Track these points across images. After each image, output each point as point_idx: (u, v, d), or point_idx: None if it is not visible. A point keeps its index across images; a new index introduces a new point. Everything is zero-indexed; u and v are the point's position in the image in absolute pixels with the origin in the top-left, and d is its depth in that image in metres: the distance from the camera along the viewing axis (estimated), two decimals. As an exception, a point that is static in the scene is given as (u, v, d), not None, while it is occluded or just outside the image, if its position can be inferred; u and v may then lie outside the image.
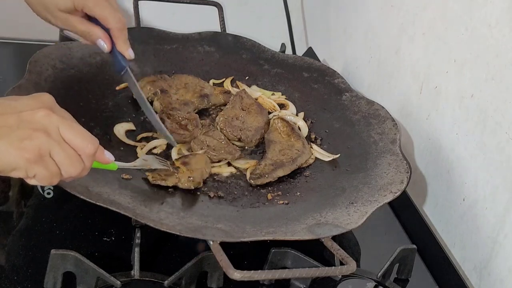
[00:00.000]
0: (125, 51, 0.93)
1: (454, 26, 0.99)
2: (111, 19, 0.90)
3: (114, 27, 0.90)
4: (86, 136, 0.68)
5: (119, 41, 0.92)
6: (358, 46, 1.31)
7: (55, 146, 0.66)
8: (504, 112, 0.88)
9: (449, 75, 1.00)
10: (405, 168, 0.96)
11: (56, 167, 0.67)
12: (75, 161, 0.67)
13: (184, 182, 0.90)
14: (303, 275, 0.76)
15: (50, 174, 0.67)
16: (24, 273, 0.79)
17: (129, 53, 0.93)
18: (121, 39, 0.92)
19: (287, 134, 1.07)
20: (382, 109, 1.09)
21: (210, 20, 1.29)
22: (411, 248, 0.89)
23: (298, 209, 0.91)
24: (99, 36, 0.91)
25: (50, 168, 0.66)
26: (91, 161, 0.70)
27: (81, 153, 0.68)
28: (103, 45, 0.91)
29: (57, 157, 0.66)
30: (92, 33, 0.90)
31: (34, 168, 0.65)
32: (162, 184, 0.89)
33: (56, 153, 0.66)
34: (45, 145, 0.65)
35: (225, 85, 1.19)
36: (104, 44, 0.91)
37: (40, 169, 0.66)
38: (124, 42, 0.92)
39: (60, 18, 0.89)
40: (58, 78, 1.02)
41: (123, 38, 0.92)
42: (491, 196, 0.90)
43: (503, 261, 0.87)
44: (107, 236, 0.87)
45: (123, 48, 0.92)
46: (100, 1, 0.89)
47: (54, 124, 0.66)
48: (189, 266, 0.78)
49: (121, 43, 0.92)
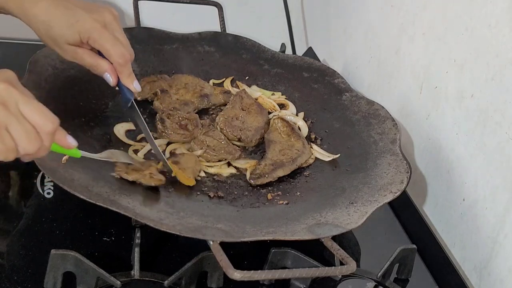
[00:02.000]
0: (131, 84, 0.91)
1: (454, 26, 0.99)
2: (113, 54, 0.88)
3: (116, 62, 0.89)
4: (45, 113, 0.67)
5: (122, 76, 0.90)
6: (358, 46, 1.31)
7: (13, 120, 0.64)
8: (504, 112, 0.88)
9: (449, 75, 1.00)
10: (405, 168, 0.96)
11: (13, 142, 0.65)
12: (32, 138, 0.66)
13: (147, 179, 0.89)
14: (303, 275, 0.76)
15: (6, 148, 0.65)
16: (24, 273, 0.79)
17: (134, 87, 0.91)
18: (124, 74, 0.90)
19: (287, 134, 1.07)
20: (382, 109, 1.09)
21: (210, 20, 1.29)
22: (411, 248, 0.89)
23: (298, 209, 0.91)
24: (105, 70, 0.89)
25: (6, 142, 0.65)
26: (50, 140, 0.68)
27: (39, 131, 0.66)
28: (109, 79, 0.90)
29: (14, 131, 0.65)
30: (99, 66, 0.89)
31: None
32: (124, 177, 0.88)
33: (13, 128, 0.65)
34: (2, 118, 0.64)
35: (225, 85, 1.19)
36: (110, 78, 0.90)
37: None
38: (128, 77, 0.91)
39: (69, 51, 0.89)
40: (58, 78, 1.02)
41: (126, 72, 0.90)
42: (491, 196, 0.90)
43: (503, 261, 0.87)
44: (107, 236, 0.87)
45: (128, 82, 0.91)
46: (105, 33, 0.88)
47: (13, 98, 0.65)
48: (189, 266, 0.78)
49: (125, 78, 0.91)
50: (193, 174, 0.94)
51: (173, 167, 0.93)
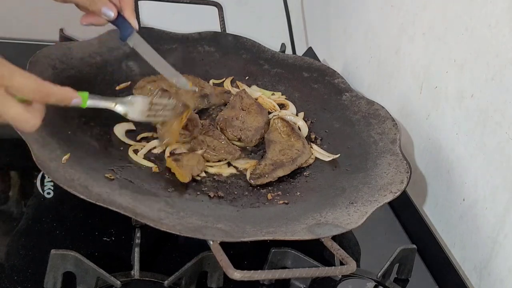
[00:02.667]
0: (133, 19, 0.91)
1: (454, 26, 0.99)
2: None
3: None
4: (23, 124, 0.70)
5: (127, 6, 0.90)
6: (358, 46, 1.31)
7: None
8: (504, 112, 0.88)
9: (449, 75, 1.00)
10: (405, 168, 0.96)
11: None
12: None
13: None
14: (303, 275, 0.76)
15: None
16: (24, 273, 0.79)
17: (135, 23, 0.91)
18: (129, 4, 0.90)
19: (287, 134, 1.07)
20: (382, 109, 1.09)
21: (210, 20, 1.29)
22: (411, 248, 0.89)
23: (298, 209, 0.91)
24: (104, 3, 0.89)
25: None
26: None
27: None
28: (108, 12, 0.89)
29: None
30: (98, 1, 0.88)
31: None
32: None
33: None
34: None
35: (225, 85, 1.19)
36: (110, 11, 0.89)
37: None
38: (132, 9, 0.90)
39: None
40: (58, 78, 1.02)
41: (131, 3, 0.90)
42: (491, 196, 0.90)
43: (503, 261, 0.87)
44: (107, 236, 0.87)
45: (131, 15, 0.91)
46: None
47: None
48: (189, 266, 0.78)
49: (130, 8, 0.90)
50: (191, 172, 0.94)
51: (171, 162, 0.93)
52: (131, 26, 0.92)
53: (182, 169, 0.93)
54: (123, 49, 1.15)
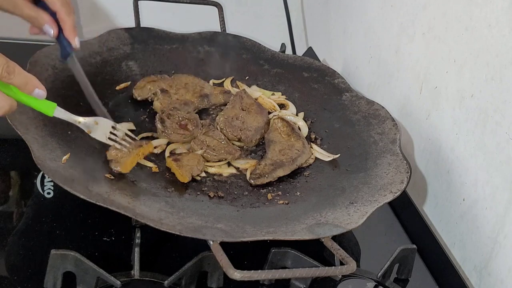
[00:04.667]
0: (72, 38, 0.90)
1: (454, 26, 0.99)
2: (58, 3, 0.88)
3: (61, 11, 0.88)
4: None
5: (66, 25, 0.89)
6: (358, 46, 1.31)
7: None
8: (504, 112, 0.88)
9: (449, 75, 1.00)
10: (405, 168, 0.96)
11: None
12: None
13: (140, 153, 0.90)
14: (303, 275, 0.76)
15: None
16: (24, 273, 0.79)
17: (76, 42, 0.91)
18: (68, 24, 0.89)
19: (287, 134, 1.07)
20: (382, 109, 1.09)
21: (210, 20, 1.29)
22: (411, 248, 0.89)
23: (298, 209, 0.91)
24: (46, 21, 0.89)
25: None
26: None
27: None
28: (49, 31, 0.89)
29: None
30: (39, 18, 0.89)
31: None
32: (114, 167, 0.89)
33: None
34: None
35: (225, 85, 1.19)
36: (50, 30, 0.89)
37: None
38: (71, 28, 0.90)
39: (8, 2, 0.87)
40: (58, 78, 1.02)
41: (70, 23, 0.89)
42: (491, 196, 0.90)
43: (503, 261, 0.87)
44: (107, 236, 0.87)
45: (70, 35, 0.90)
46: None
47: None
48: (189, 266, 0.78)
49: (69, 28, 0.90)
50: (191, 172, 0.94)
51: (171, 162, 0.93)
52: (70, 47, 0.91)
53: (181, 169, 0.93)
54: (123, 49, 1.15)
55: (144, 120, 1.06)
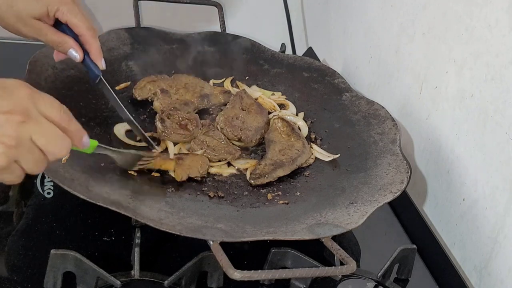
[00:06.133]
0: (99, 61, 0.91)
1: (454, 26, 0.99)
2: (83, 26, 0.88)
3: (87, 34, 0.89)
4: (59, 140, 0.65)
5: (92, 48, 0.90)
6: (358, 46, 1.31)
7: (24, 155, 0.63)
8: (504, 112, 0.88)
9: (449, 75, 1.00)
10: (405, 168, 0.96)
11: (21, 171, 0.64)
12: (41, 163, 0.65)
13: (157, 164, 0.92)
14: (303, 275, 0.76)
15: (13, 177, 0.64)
16: (24, 273, 0.79)
17: (102, 64, 0.91)
18: (94, 47, 0.90)
19: (287, 134, 1.07)
20: (382, 109, 1.09)
21: (210, 20, 1.29)
22: (411, 248, 0.89)
23: (298, 209, 0.91)
24: (71, 46, 0.89)
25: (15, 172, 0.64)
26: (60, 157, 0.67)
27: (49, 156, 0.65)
28: (74, 55, 0.89)
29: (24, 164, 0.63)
30: (64, 43, 0.89)
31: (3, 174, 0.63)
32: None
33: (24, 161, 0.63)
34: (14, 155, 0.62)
35: (225, 85, 1.19)
36: (76, 54, 0.89)
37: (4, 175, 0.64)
38: (97, 51, 0.90)
39: (34, 27, 0.88)
40: (58, 78, 1.02)
41: (96, 46, 0.90)
42: (491, 196, 0.90)
43: (503, 261, 0.87)
44: (107, 236, 0.87)
45: (97, 57, 0.90)
46: (73, 7, 0.88)
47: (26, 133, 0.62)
48: (189, 266, 0.78)
49: (95, 51, 0.90)
50: (187, 173, 0.94)
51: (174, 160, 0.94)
52: (97, 69, 0.92)
53: (178, 168, 0.93)
54: (123, 49, 1.15)
55: (144, 120, 1.06)
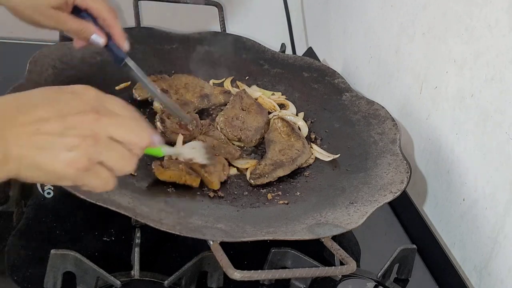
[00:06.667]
0: (123, 43, 0.91)
1: (454, 26, 0.99)
2: (105, 10, 0.88)
3: (109, 17, 0.89)
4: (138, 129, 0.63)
5: (116, 31, 0.90)
6: (358, 46, 1.31)
7: (106, 152, 0.60)
8: (504, 112, 0.88)
9: (449, 75, 1.00)
10: (405, 168, 0.96)
11: (107, 172, 0.62)
12: (127, 159, 0.62)
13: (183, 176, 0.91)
14: (303, 275, 0.76)
15: (103, 182, 0.62)
16: (24, 273, 0.79)
17: (126, 46, 0.92)
18: (117, 29, 0.90)
19: (287, 134, 1.07)
20: (382, 109, 1.09)
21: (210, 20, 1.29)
22: (411, 248, 0.89)
23: (298, 209, 0.91)
24: (93, 31, 0.89)
25: (102, 175, 0.61)
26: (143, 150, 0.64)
27: (133, 148, 0.63)
28: (98, 40, 0.89)
29: (108, 162, 0.61)
30: (86, 29, 0.89)
31: (83, 177, 0.60)
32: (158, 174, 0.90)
33: (107, 159, 0.61)
34: (95, 154, 0.60)
35: (225, 85, 1.19)
36: (100, 39, 0.89)
37: (90, 178, 0.61)
38: (121, 33, 0.90)
39: (52, 17, 0.87)
40: (58, 78, 1.02)
41: (119, 28, 0.90)
42: (491, 196, 0.90)
43: (503, 261, 0.87)
44: (107, 236, 0.87)
45: (121, 39, 0.90)
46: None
47: (103, 129, 0.60)
48: (189, 266, 0.78)
49: (119, 34, 0.90)
50: (219, 178, 0.94)
51: (200, 170, 0.93)
52: (121, 51, 0.92)
53: (211, 176, 0.93)
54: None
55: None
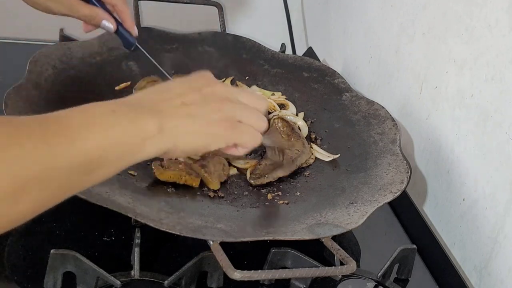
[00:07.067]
0: (133, 28, 0.96)
1: (454, 26, 0.99)
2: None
3: (119, 3, 0.92)
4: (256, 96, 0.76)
5: (126, 17, 0.94)
6: (358, 46, 1.31)
7: (243, 110, 0.69)
8: (504, 112, 0.88)
9: (449, 75, 1.00)
10: (405, 168, 0.96)
11: (250, 127, 0.70)
12: (259, 118, 0.71)
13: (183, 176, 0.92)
14: (303, 275, 0.76)
15: (250, 135, 0.70)
16: (24, 273, 0.79)
17: (135, 31, 0.96)
18: (127, 15, 0.94)
19: (287, 134, 1.06)
20: (382, 109, 1.09)
21: (210, 20, 1.29)
22: (411, 248, 0.89)
23: (298, 209, 0.91)
24: (104, 17, 0.92)
25: (247, 130, 0.70)
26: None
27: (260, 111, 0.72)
28: (108, 26, 0.93)
29: (246, 118, 0.69)
30: (96, 15, 0.92)
31: (232, 135, 0.69)
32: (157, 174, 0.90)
33: (245, 116, 0.69)
34: (235, 112, 0.69)
35: (225, 85, 1.19)
36: (110, 25, 0.93)
37: (239, 135, 0.69)
38: (130, 20, 0.94)
39: (63, 4, 0.90)
40: (58, 78, 1.02)
41: (128, 14, 0.94)
42: (491, 196, 0.90)
43: (503, 261, 0.87)
44: (107, 236, 0.87)
45: (130, 25, 0.95)
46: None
47: (233, 94, 0.70)
48: (189, 266, 0.78)
49: (128, 21, 0.94)
50: (219, 178, 0.94)
51: (199, 170, 0.93)
52: (132, 36, 0.97)
53: (211, 176, 0.93)
54: (123, 49, 1.14)
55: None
